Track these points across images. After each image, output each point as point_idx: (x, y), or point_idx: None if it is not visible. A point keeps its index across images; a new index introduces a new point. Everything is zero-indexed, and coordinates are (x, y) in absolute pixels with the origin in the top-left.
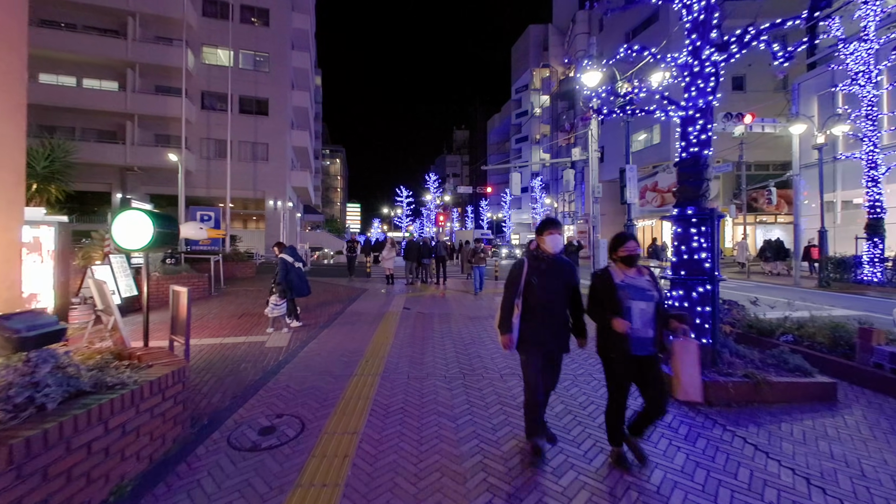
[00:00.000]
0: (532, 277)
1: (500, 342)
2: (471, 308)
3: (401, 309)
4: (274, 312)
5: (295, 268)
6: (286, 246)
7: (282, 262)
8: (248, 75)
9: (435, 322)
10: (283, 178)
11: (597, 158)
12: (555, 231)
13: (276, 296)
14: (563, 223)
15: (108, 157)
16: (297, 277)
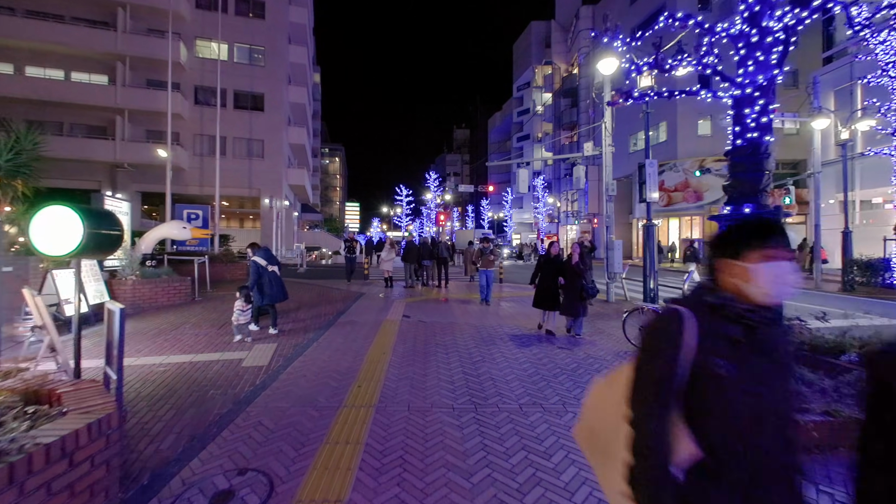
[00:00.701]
0: (716, 364)
1: None
2: (477, 316)
3: (400, 317)
4: (240, 320)
5: (269, 272)
6: (260, 247)
7: (253, 265)
8: (243, 69)
9: (438, 333)
10: (280, 176)
11: (611, 153)
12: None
13: (241, 301)
14: (567, 223)
15: (98, 154)
16: (272, 282)
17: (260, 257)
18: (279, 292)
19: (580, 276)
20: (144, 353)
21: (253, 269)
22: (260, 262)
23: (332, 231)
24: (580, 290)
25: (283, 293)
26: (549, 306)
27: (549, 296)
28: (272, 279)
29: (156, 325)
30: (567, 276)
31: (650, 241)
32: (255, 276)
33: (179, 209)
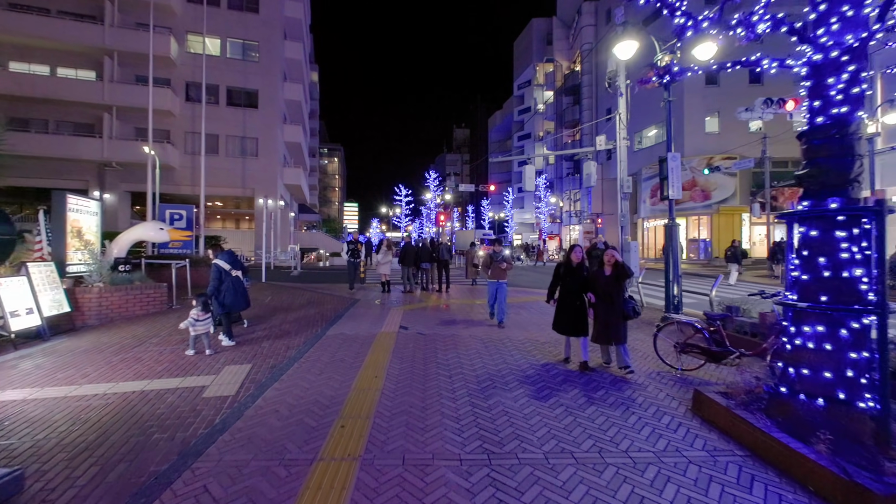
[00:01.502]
0: None
1: None
2: (483, 326)
3: (396, 328)
4: (196, 329)
5: (231, 276)
6: (223, 249)
7: (214, 268)
8: (236, 65)
9: (439, 349)
10: (275, 175)
11: (625, 147)
12: None
13: (197, 309)
14: (569, 223)
15: (85, 152)
16: (233, 288)
17: (223, 260)
18: (239, 300)
19: (620, 290)
20: (90, 379)
21: (214, 274)
22: (223, 265)
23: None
24: (623, 307)
25: (243, 301)
26: (575, 331)
27: (575, 318)
28: (234, 285)
29: (118, 339)
30: (600, 292)
31: (673, 243)
32: (216, 281)
33: (162, 209)
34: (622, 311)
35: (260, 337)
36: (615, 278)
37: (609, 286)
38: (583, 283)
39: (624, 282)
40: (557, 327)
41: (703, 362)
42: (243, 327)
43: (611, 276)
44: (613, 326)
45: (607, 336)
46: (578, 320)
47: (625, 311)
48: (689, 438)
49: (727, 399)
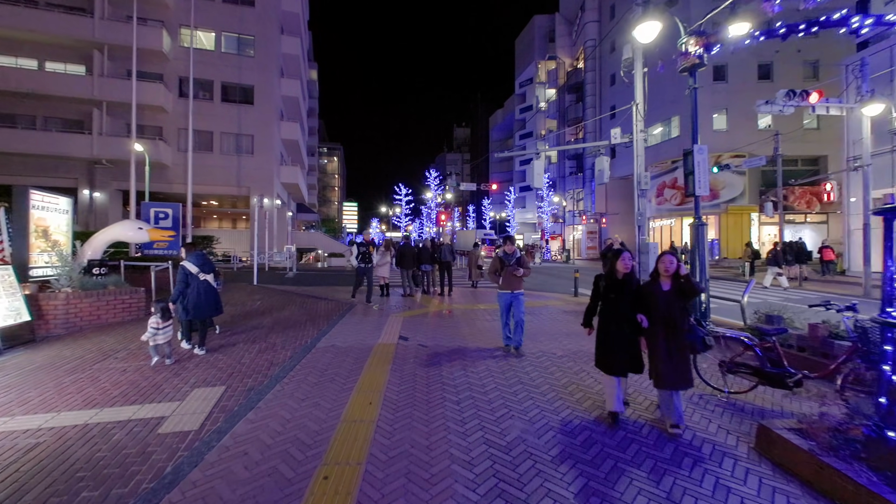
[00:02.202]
0: None
1: None
2: (491, 335)
3: (395, 339)
4: (157, 339)
5: (200, 280)
6: (193, 250)
7: (181, 271)
8: (231, 60)
9: (444, 365)
10: (271, 174)
11: (642, 140)
12: None
13: (156, 317)
14: (573, 223)
15: (74, 149)
16: (201, 292)
17: (191, 263)
18: (209, 306)
19: (685, 312)
20: (27, 408)
21: (180, 277)
22: (190, 268)
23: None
24: (689, 337)
25: (213, 307)
26: (629, 367)
27: (624, 350)
28: (202, 290)
29: (80, 353)
30: (658, 315)
31: (700, 245)
32: (182, 285)
33: (146, 207)
34: (689, 342)
35: (242, 350)
36: (678, 294)
37: (670, 306)
38: (636, 301)
39: (691, 300)
40: (604, 364)
41: (755, 385)
42: (215, 333)
43: (671, 292)
44: (679, 363)
45: (673, 377)
46: (632, 354)
47: (692, 343)
48: (766, 493)
49: (806, 440)
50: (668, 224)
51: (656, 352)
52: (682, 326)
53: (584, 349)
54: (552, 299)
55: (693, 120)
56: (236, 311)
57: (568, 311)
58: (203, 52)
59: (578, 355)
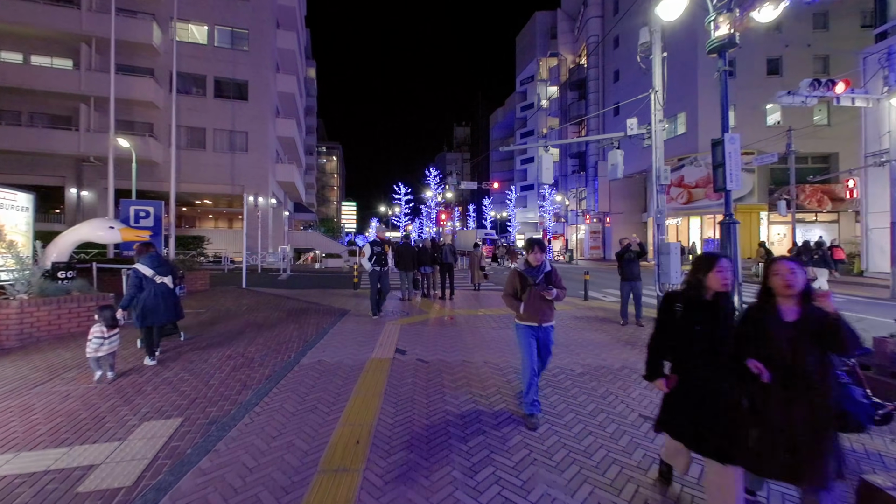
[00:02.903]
0: None
1: None
2: (500, 346)
3: (391, 353)
4: (100, 351)
5: (156, 284)
6: (147, 251)
7: (133, 274)
8: (224, 54)
9: (447, 387)
10: (266, 172)
11: (661, 131)
12: None
13: (99, 325)
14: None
15: (60, 146)
16: (158, 297)
17: (145, 265)
18: (166, 311)
19: (826, 362)
20: None
21: (132, 281)
22: (144, 271)
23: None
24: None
25: (171, 312)
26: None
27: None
28: (159, 294)
29: (24, 372)
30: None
31: (731, 245)
32: (134, 289)
33: (125, 205)
34: (839, 408)
35: (213, 366)
36: (812, 332)
37: (799, 348)
38: (740, 339)
39: (839, 342)
40: (674, 429)
41: None
42: (180, 340)
43: (799, 325)
44: (819, 444)
45: (810, 467)
46: (726, 424)
47: (846, 415)
48: None
49: None
50: (674, 223)
51: (771, 422)
52: (822, 383)
53: (605, 364)
54: (560, 303)
55: (723, 106)
56: (216, 318)
57: (580, 318)
58: (195, 46)
59: (601, 373)
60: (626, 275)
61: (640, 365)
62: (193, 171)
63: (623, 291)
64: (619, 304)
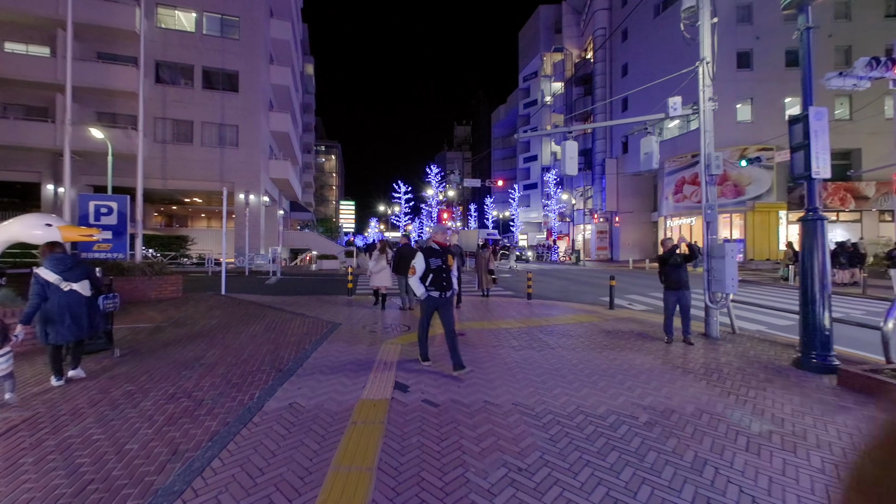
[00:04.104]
0: None
1: None
2: (528, 375)
3: (389, 390)
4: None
5: (64, 291)
6: (52, 252)
7: (34, 280)
8: (213, 43)
9: (468, 450)
10: (258, 168)
11: (711, 112)
12: None
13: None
14: (581, 222)
15: (35, 139)
16: (63, 308)
17: (48, 269)
18: (73, 326)
19: None
20: None
21: (33, 289)
22: (46, 276)
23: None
24: None
25: (79, 327)
26: None
27: None
28: (65, 304)
29: None
30: None
31: (819, 249)
32: (36, 298)
33: (84, 200)
34: None
35: (142, 412)
36: None
37: None
38: None
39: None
40: None
41: None
42: (115, 357)
43: None
44: None
45: None
46: None
47: None
48: None
49: None
50: (687, 223)
51: None
52: None
53: (673, 405)
54: (582, 313)
55: (804, 73)
56: (175, 334)
57: (611, 332)
58: (182, 33)
59: (674, 421)
60: (671, 283)
61: (721, 407)
62: (180, 166)
63: (668, 302)
64: (650, 312)
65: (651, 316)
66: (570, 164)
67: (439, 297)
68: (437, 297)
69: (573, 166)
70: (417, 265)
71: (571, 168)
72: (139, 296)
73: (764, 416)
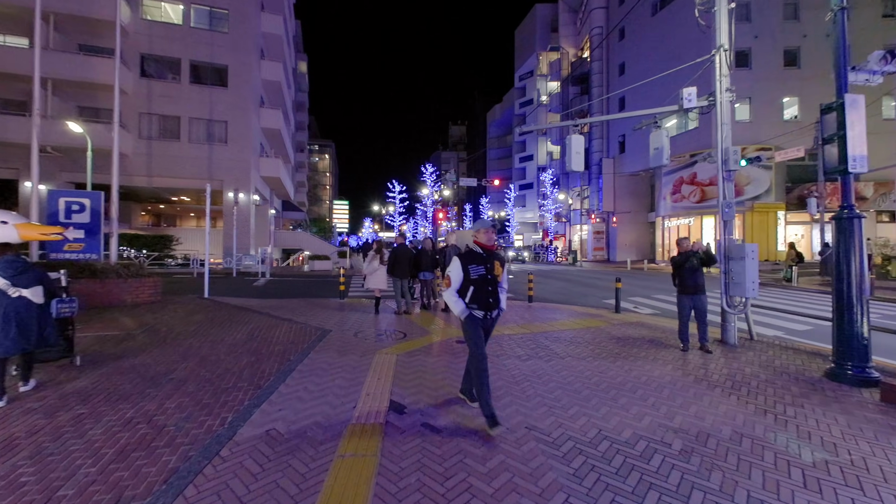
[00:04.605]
0: None
1: None
2: (538, 391)
3: (383, 412)
4: None
5: (11, 298)
6: (4, 254)
7: None
8: (201, 36)
9: (478, 492)
10: (248, 166)
11: (728, 103)
12: None
13: None
14: (578, 222)
15: (13, 134)
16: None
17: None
18: (20, 336)
19: None
20: None
21: None
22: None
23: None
24: None
25: (24, 338)
26: None
27: None
28: (11, 312)
29: None
30: None
31: (856, 249)
32: None
33: (53, 196)
34: None
35: (90, 442)
36: None
37: None
38: None
39: None
40: None
41: None
42: (75, 365)
43: None
44: None
45: None
46: None
47: None
48: None
49: None
50: (685, 223)
51: None
52: None
53: (706, 427)
54: (587, 317)
55: (839, 58)
56: (146, 343)
57: (622, 339)
58: (168, 26)
59: (712, 447)
60: (686, 287)
61: (761, 430)
62: (167, 163)
63: (683, 307)
64: (658, 316)
65: (660, 320)
66: (576, 159)
67: (485, 318)
68: (482, 317)
69: (579, 162)
70: (453, 274)
71: (577, 164)
72: (113, 300)
73: (812, 440)
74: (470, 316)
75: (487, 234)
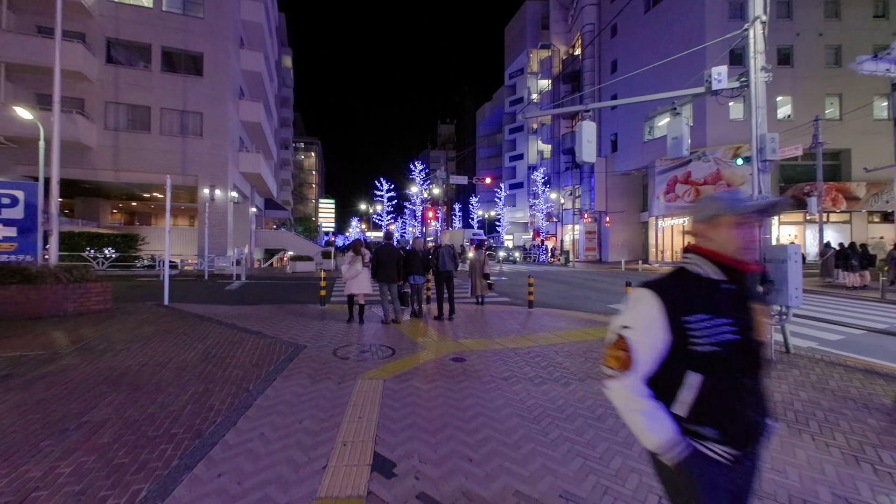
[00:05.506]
0: None
1: None
2: (565, 432)
3: (364, 475)
4: None
5: None
6: None
7: None
8: (173, 21)
9: None
10: (225, 160)
11: (763, 84)
12: None
13: None
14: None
15: None
16: None
17: None
18: None
19: None
20: None
21: None
22: None
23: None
24: None
25: None
26: None
27: None
28: None
29: None
30: None
31: None
32: None
33: None
34: None
35: None
36: None
37: None
38: None
39: None
40: None
41: None
42: None
43: None
44: None
45: None
46: None
47: None
48: None
49: None
50: (679, 224)
51: None
52: None
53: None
54: (597, 325)
55: None
56: (69, 371)
57: None
58: (137, 8)
59: None
60: None
61: (866, 490)
62: (135, 156)
63: None
64: None
65: None
66: (587, 148)
67: (736, 466)
68: (731, 462)
69: (591, 151)
70: (633, 338)
71: (588, 153)
72: (50, 309)
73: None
74: (698, 460)
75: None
